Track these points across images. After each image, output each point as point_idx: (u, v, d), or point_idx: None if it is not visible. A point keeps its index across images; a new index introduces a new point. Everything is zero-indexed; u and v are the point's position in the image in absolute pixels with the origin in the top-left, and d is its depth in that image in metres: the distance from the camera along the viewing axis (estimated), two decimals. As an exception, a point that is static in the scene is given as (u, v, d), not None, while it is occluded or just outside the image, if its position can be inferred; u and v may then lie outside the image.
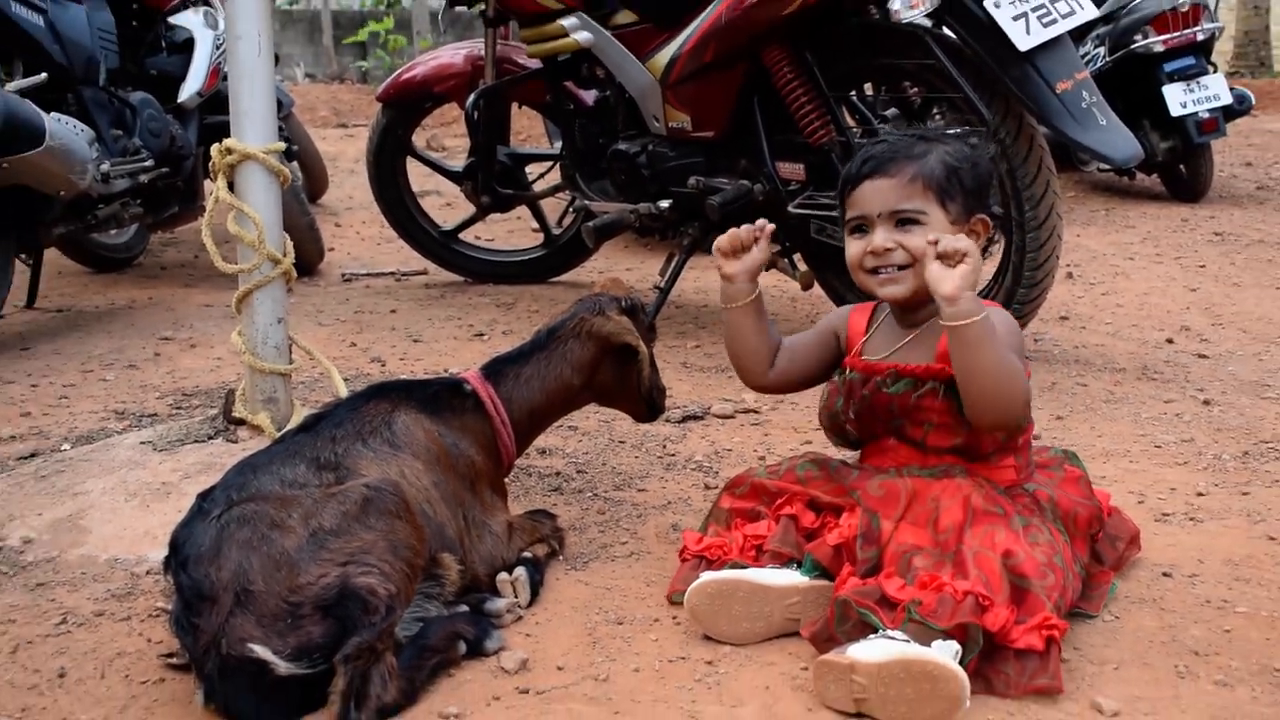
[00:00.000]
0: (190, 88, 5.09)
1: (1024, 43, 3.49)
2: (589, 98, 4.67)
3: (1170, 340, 4.30)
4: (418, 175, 5.70)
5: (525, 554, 2.36)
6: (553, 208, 5.43)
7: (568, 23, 4.32)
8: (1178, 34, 7.13)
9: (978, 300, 2.06)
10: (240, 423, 2.88)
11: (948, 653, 1.87)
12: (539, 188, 5.20)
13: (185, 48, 5.20)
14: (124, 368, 4.05)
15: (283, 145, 2.83)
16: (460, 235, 5.47)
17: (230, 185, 2.77)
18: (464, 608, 2.16)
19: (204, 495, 2.06)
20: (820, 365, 2.42)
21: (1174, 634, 2.13)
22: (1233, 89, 7.29)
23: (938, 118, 5.19)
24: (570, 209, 5.07)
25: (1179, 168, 7.43)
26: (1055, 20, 3.53)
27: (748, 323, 2.40)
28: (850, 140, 3.86)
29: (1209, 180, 7.43)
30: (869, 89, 4.47)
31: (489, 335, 4.45)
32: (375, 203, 5.42)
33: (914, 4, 3.65)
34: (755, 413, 3.47)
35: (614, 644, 2.12)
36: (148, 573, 2.41)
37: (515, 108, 5.09)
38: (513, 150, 5.03)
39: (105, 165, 4.45)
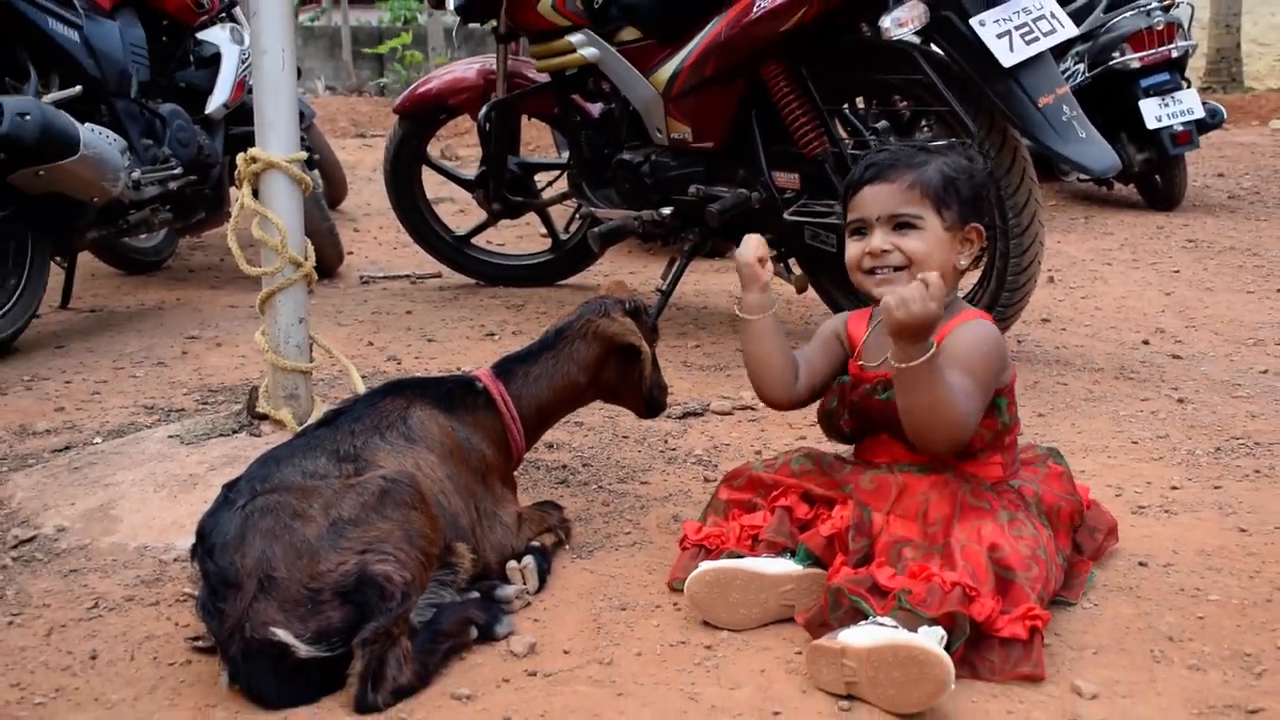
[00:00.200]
0: (217, 100, 5.09)
1: (1008, 59, 3.49)
2: (595, 110, 4.66)
3: (1146, 342, 4.30)
4: (432, 183, 5.70)
5: (534, 543, 2.36)
6: (560, 214, 5.42)
7: (575, 39, 4.32)
8: (1153, 51, 7.12)
9: (923, 343, 2.00)
10: (263, 417, 2.87)
11: (934, 639, 1.87)
12: (547, 195, 5.19)
13: (212, 62, 5.19)
14: (153, 365, 4.05)
15: (304, 154, 2.83)
16: (472, 240, 5.46)
17: (255, 192, 2.77)
18: (476, 594, 2.16)
19: (229, 486, 2.06)
20: (831, 373, 2.38)
21: (1150, 621, 2.13)
22: (1205, 103, 7.28)
23: (925, 130, 5.19)
24: (577, 215, 5.06)
25: (1155, 178, 7.42)
26: (1037, 38, 3.52)
27: (772, 336, 2.30)
28: (843, 151, 3.86)
29: (1183, 190, 7.42)
30: (861, 103, 4.46)
31: (500, 335, 4.45)
32: (392, 209, 5.41)
33: (903, 22, 3.64)
34: (752, 409, 3.46)
35: (618, 629, 2.12)
36: (175, 560, 2.41)
37: (525, 119, 5.08)
38: (522, 160, 5.02)
39: (136, 173, 4.45)
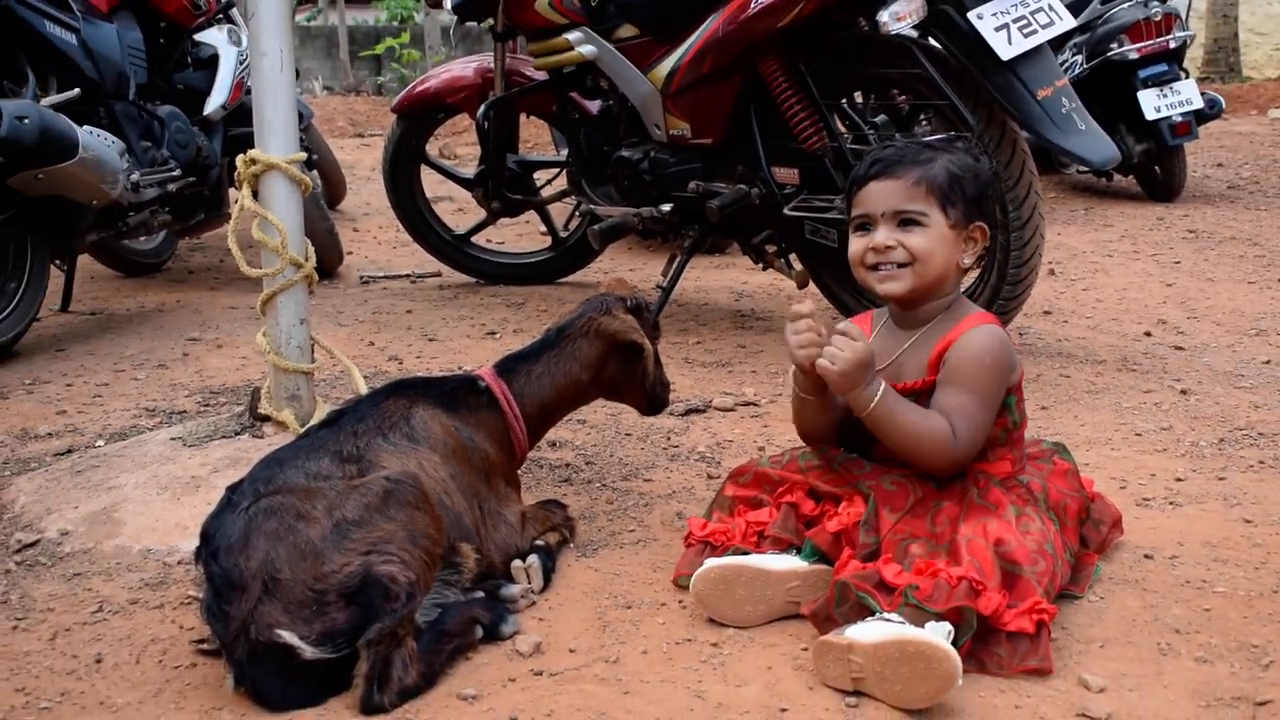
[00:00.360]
0: (215, 101, 5.08)
1: (1006, 52, 3.48)
2: (593, 107, 4.66)
3: (1148, 333, 4.29)
4: (431, 182, 5.69)
5: (538, 542, 2.35)
6: (559, 212, 5.41)
7: (572, 37, 4.31)
8: (1151, 42, 7.11)
9: (869, 387, 2.08)
10: (266, 419, 2.87)
11: (940, 634, 1.86)
12: (546, 193, 5.19)
13: (210, 63, 5.18)
14: (154, 367, 4.04)
15: (304, 155, 2.82)
16: (472, 239, 5.45)
17: (254, 193, 2.76)
18: (480, 594, 2.15)
19: (233, 488, 2.05)
20: None
21: (1156, 613, 2.12)
22: (1204, 94, 7.27)
23: (924, 124, 5.18)
24: (576, 213, 5.06)
25: (1154, 169, 7.41)
26: (1035, 30, 3.52)
27: (828, 407, 2.26)
28: (842, 146, 3.85)
29: (1183, 180, 7.41)
30: (859, 97, 4.45)
31: (501, 334, 4.44)
32: (391, 209, 5.41)
33: (901, 16, 3.63)
34: (755, 405, 3.46)
35: (623, 627, 2.11)
36: (179, 562, 2.41)
37: (523, 117, 5.07)
38: (521, 158, 5.02)
39: (135, 175, 4.44)
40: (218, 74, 5.13)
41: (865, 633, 1.85)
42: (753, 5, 3.79)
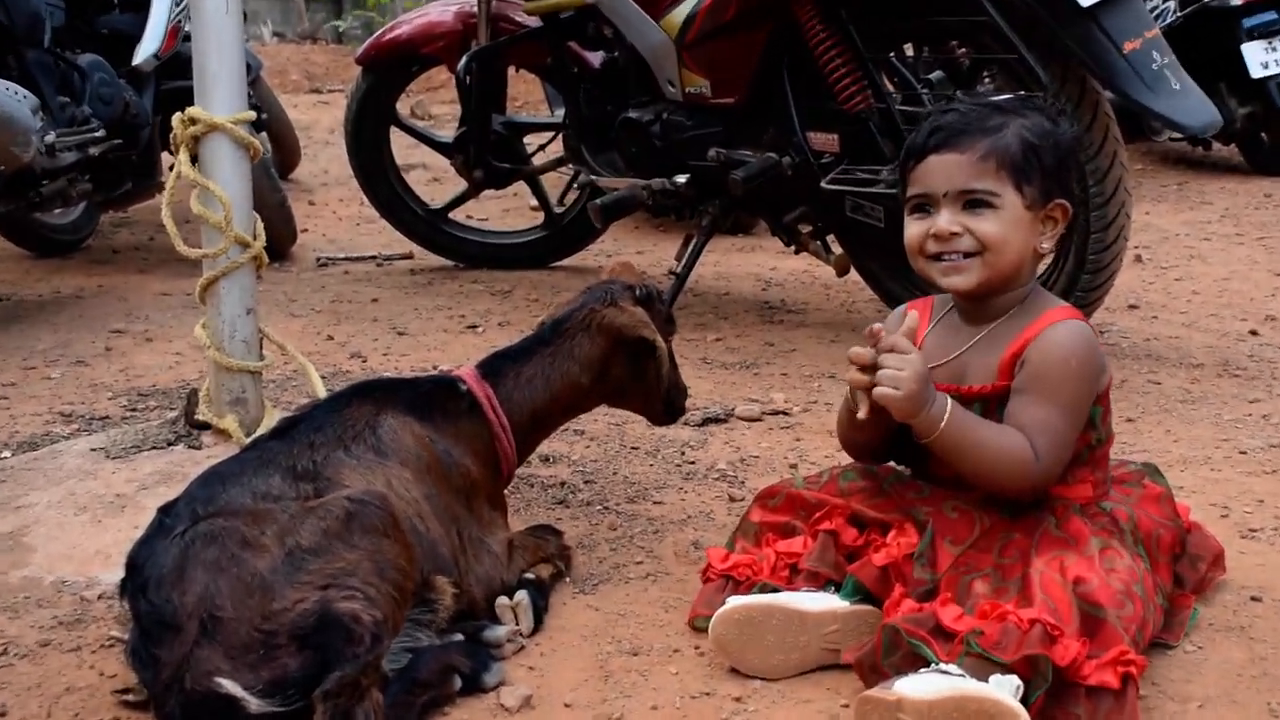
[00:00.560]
0: (146, 49, 5.08)
1: (1086, -4, 3.48)
2: (595, 60, 4.66)
3: (1254, 332, 4.29)
4: (402, 147, 5.69)
5: (528, 575, 2.35)
6: (554, 183, 5.42)
7: (571, -25, 4.32)
8: (1258, -15, 7.10)
9: (934, 405, 2.08)
10: (204, 427, 2.87)
11: (1008, 689, 1.85)
12: (539, 161, 5.19)
13: (140, 4, 5.18)
14: (71, 364, 4.05)
15: (252, 114, 2.82)
16: (450, 214, 5.46)
17: (193, 159, 2.76)
18: (459, 636, 2.14)
19: (165, 509, 2.04)
20: None
21: (1265, 667, 2.11)
22: (1320, 47, 7.27)
23: (988, 81, 5.18)
24: (574, 185, 5.06)
25: (1260, 136, 7.41)
26: (1122, -30, 3.52)
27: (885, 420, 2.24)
28: (891, 107, 3.85)
29: (1294, 150, 7.41)
30: (911, 50, 4.45)
31: (483, 327, 4.45)
32: (354, 178, 5.41)
33: (961, -48, 3.63)
34: (785, 414, 3.46)
35: (628, 678, 2.10)
36: (100, 597, 2.40)
37: (512, 71, 5.07)
38: (509, 119, 5.02)
39: (50, 136, 4.43)
40: (149, 17, 5.13)
41: (918, 687, 1.84)
42: (785, -62, 3.79)
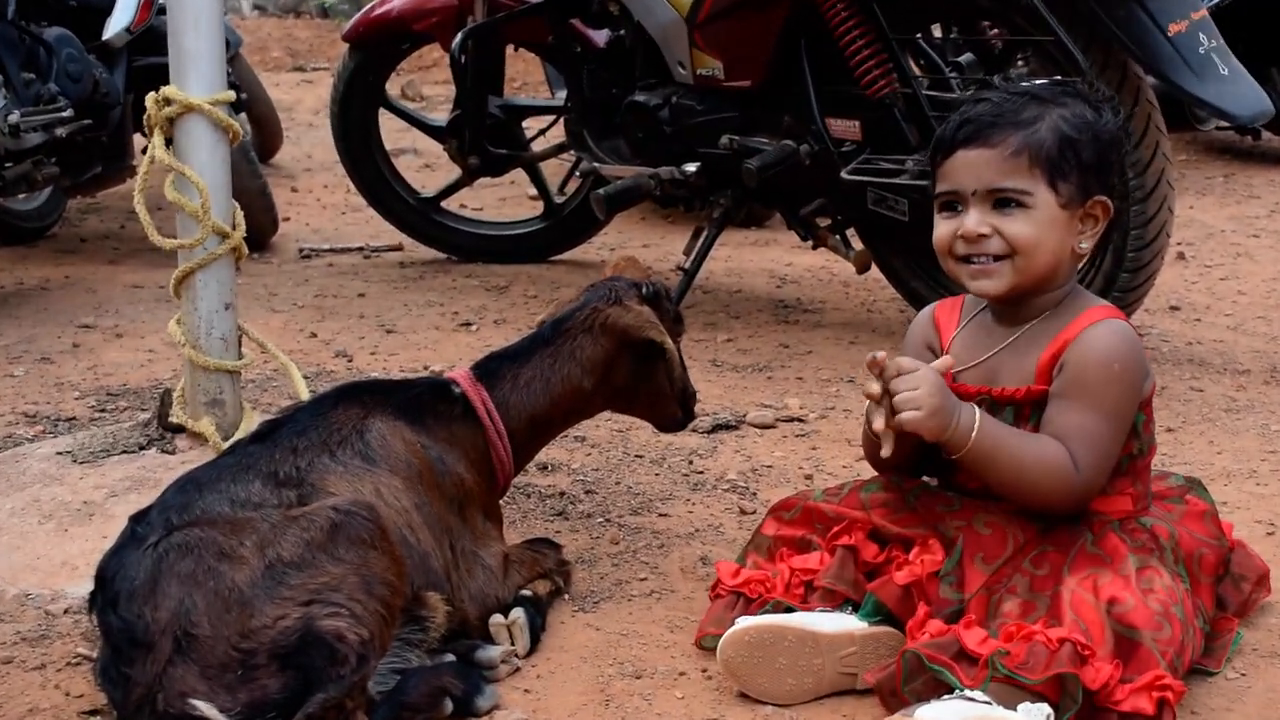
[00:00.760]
0: (118, 23, 5.08)
1: (1129, -26, 3.48)
2: (600, 38, 4.65)
3: (1304, 336, 4.29)
4: (391, 130, 5.69)
5: (524, 592, 2.35)
6: (554, 171, 5.41)
7: (574, -54, 4.32)
8: (1312, -37, 7.09)
9: (961, 419, 2.09)
10: (179, 430, 2.87)
11: (1037, 717, 1.86)
12: (538, 147, 5.19)
13: (111, -26, 5.20)
14: (36, 361, 4.05)
15: (231, 94, 2.83)
16: (443, 203, 5.46)
17: (168, 142, 2.76)
18: (450, 657, 2.15)
19: (137, 518, 2.05)
20: None
21: (1313, 696, 2.12)
22: (1380, 31, 7.25)
23: (1021, 65, 5.17)
24: (576, 173, 5.06)
25: (1313, 126, 7.40)
26: (1166, -54, 3.52)
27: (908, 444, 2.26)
28: (917, 92, 3.85)
29: (1350, 141, 7.41)
30: (939, 31, 4.45)
31: (478, 325, 4.45)
32: (340, 163, 5.41)
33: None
34: (801, 421, 3.46)
35: (631, 702, 2.11)
36: (66, 611, 2.40)
37: (511, 50, 5.08)
38: (507, 101, 5.02)
39: (14, 115, 4.44)
40: (121, -11, 5.14)
41: (941, 715, 1.85)
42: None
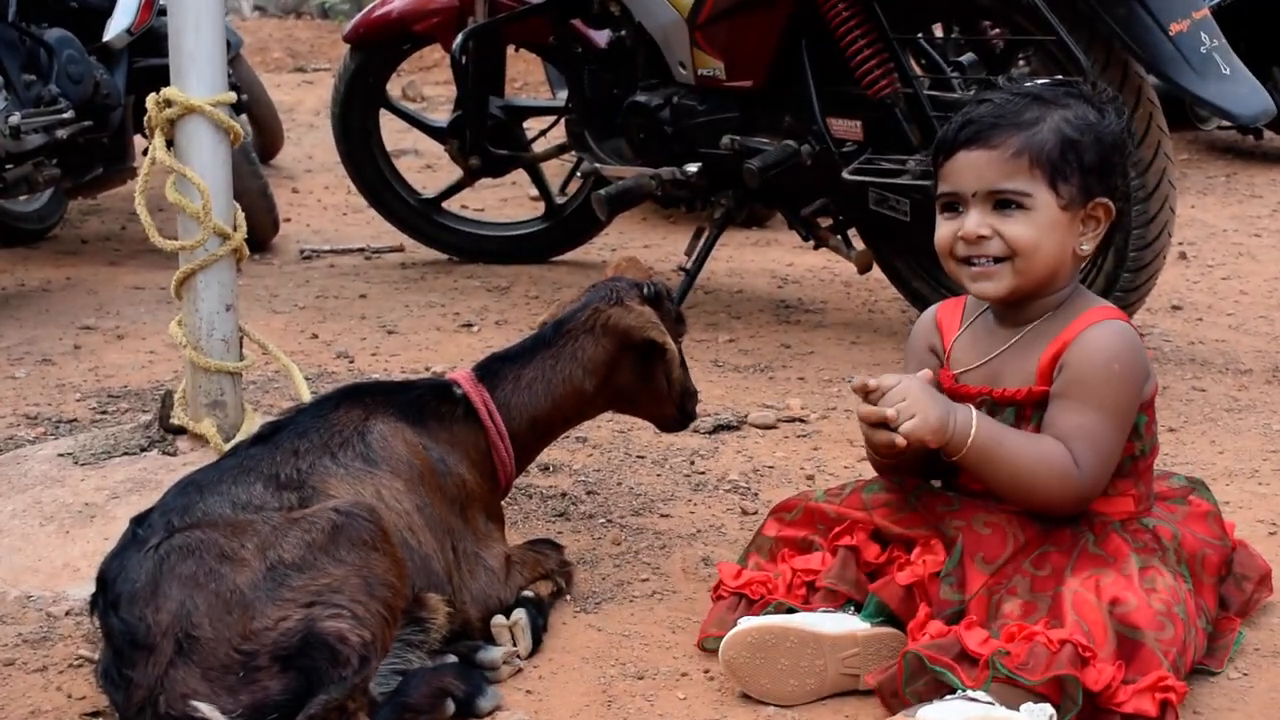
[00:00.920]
0: (119, 24, 5.08)
1: (1130, -28, 3.48)
2: (601, 39, 4.65)
3: (1307, 336, 4.29)
4: (392, 131, 5.69)
5: (526, 593, 2.35)
6: (556, 172, 5.41)
7: (575, -54, 4.32)
8: (1316, -41, 7.08)
9: (957, 419, 2.10)
10: (180, 431, 2.87)
11: (1040, 717, 1.86)
12: (539, 148, 5.19)
13: (112, -25, 5.20)
14: (37, 363, 4.05)
15: (232, 95, 2.83)
16: (444, 204, 5.45)
17: (169, 143, 2.76)
18: (452, 658, 2.15)
19: (138, 520, 2.06)
20: None
21: (1315, 696, 2.12)
22: (1384, 29, 7.24)
23: (1023, 65, 5.17)
24: (577, 173, 5.06)
25: (1316, 126, 7.39)
26: (1168, -56, 3.52)
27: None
28: (918, 92, 3.85)
29: (1353, 141, 7.40)
30: (940, 30, 4.45)
31: (479, 326, 4.45)
32: (341, 164, 5.41)
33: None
34: (802, 422, 3.46)
35: (633, 703, 2.11)
36: (68, 613, 2.41)
37: (511, 50, 5.07)
38: (508, 102, 5.02)
39: (15, 117, 4.44)
40: (122, -10, 5.14)
41: (943, 715, 1.85)
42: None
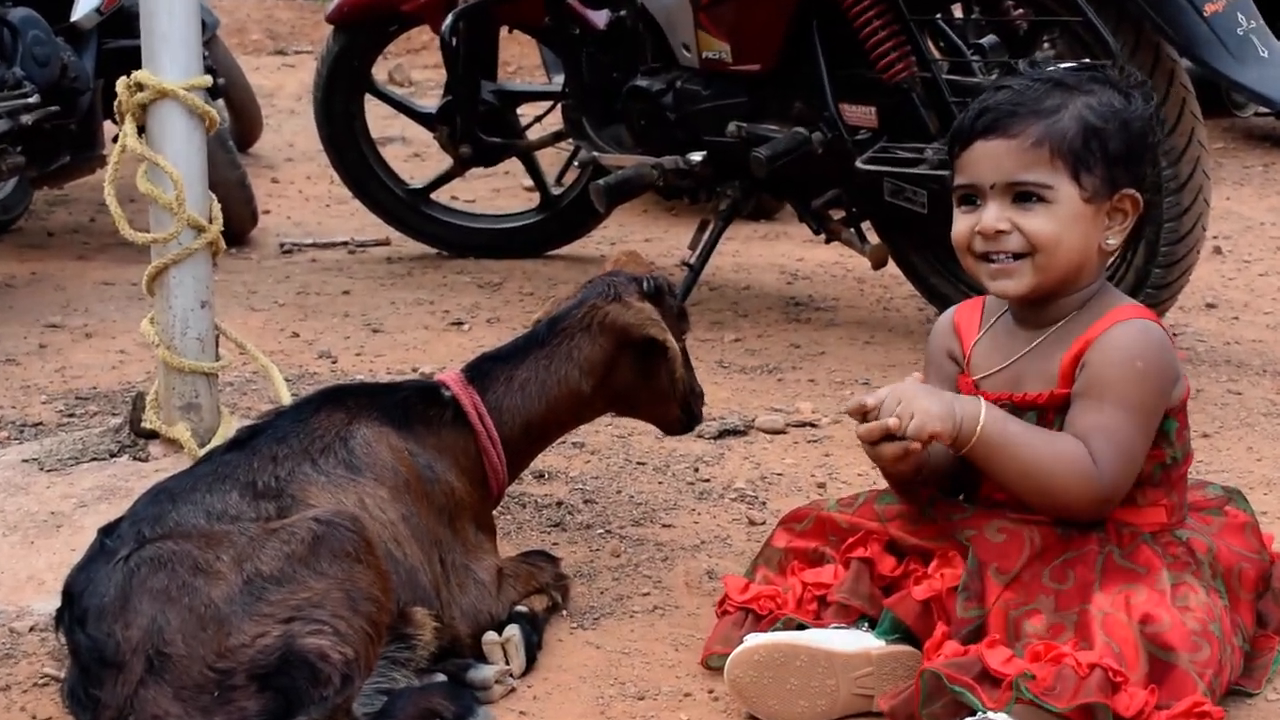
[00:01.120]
0: (87, 3, 5.07)
1: (1162, -50, 3.48)
2: (599, 19, 4.65)
3: (1349, 336, 4.29)
4: (378, 118, 5.69)
5: (519, 608, 2.35)
6: (551, 161, 5.41)
7: (572, -79, 4.32)
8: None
9: (965, 416, 2.10)
10: (152, 436, 2.87)
11: (1066, 741, 1.86)
12: (534, 135, 5.19)
13: (80, -49, 5.19)
14: (0, 363, 4.05)
15: (208, 79, 2.83)
16: (433, 195, 5.45)
17: (140, 130, 2.76)
18: (441, 677, 2.15)
19: (107, 530, 2.05)
20: None
21: (1359, 719, 2.12)
22: None
23: (1048, 47, 5.16)
24: (574, 162, 5.06)
25: (1358, 112, 7.39)
26: (1203, -80, 3.51)
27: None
28: (936, 76, 3.84)
29: (1397, 129, 7.40)
30: (959, 11, 4.45)
31: (470, 324, 4.45)
32: (324, 152, 5.41)
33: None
34: (813, 426, 3.45)
35: (633, 726, 2.11)
36: (32, 629, 2.40)
37: (504, 32, 5.07)
38: (501, 87, 5.02)
39: (-23, 102, 4.45)
40: (90, -33, 5.14)
41: (963, 740, 1.85)
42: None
